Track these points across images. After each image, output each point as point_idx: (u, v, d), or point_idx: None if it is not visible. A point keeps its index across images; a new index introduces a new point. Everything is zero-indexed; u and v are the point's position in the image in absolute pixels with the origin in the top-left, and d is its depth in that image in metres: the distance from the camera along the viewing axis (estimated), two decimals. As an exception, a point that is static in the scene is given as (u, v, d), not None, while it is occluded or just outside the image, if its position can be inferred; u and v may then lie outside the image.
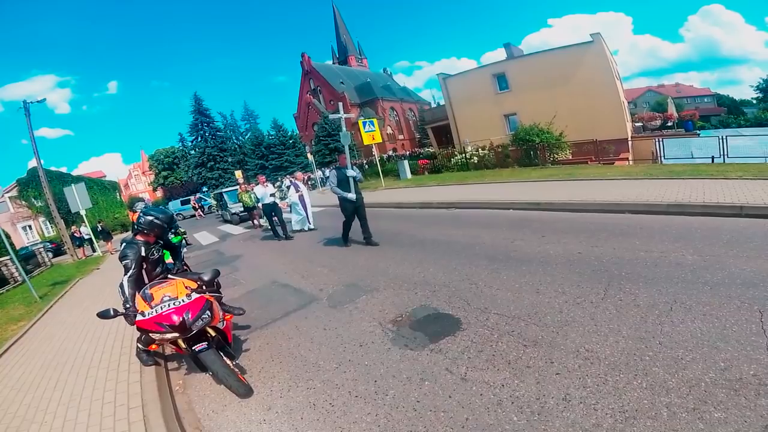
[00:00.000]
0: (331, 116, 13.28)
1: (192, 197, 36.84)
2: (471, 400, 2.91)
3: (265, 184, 11.92)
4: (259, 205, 12.63)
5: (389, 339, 4.10)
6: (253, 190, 13.26)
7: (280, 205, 11.96)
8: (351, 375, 3.58)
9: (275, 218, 11.54)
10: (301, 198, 11.83)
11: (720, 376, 2.63)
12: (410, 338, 4.02)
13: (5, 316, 8.86)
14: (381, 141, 22.50)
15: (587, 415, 2.54)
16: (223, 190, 22.78)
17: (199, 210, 31.01)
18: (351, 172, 7.96)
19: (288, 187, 12.36)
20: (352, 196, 7.87)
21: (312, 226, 11.82)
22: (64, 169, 42.42)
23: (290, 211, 11.99)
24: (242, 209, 16.78)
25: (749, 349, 2.84)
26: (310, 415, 3.14)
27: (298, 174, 13.65)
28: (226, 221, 20.37)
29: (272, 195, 11.52)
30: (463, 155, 21.79)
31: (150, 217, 4.07)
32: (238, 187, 18.32)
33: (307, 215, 11.88)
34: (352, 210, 8.08)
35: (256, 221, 15.64)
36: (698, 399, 2.48)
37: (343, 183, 7.98)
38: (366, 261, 7.14)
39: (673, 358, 2.91)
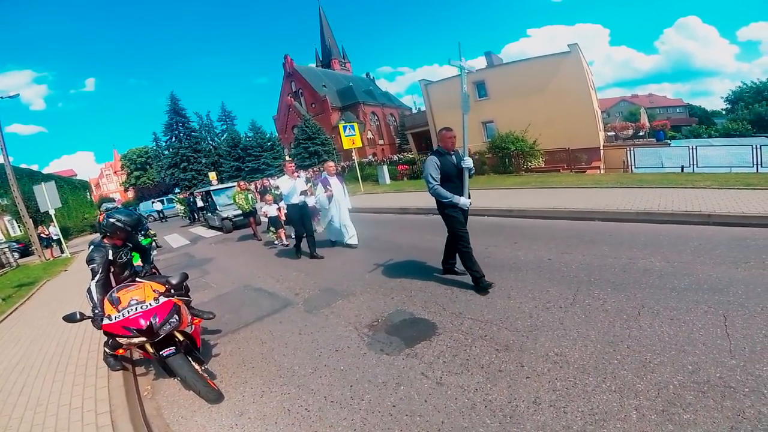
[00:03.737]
0: (452, 62, 5.56)
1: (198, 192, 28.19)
2: (446, 404, 2.92)
3: (296, 175, 8.73)
4: (264, 210, 10.49)
5: (365, 344, 4.09)
6: (272, 184, 10.82)
7: (276, 214, 9.81)
8: (327, 380, 3.55)
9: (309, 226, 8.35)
10: (333, 200, 8.39)
11: (688, 379, 2.71)
12: (386, 343, 4.02)
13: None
14: (361, 145, 22.38)
15: (557, 417, 2.58)
16: (212, 188, 18.11)
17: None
18: (468, 162, 5.07)
19: (312, 182, 9.52)
20: (466, 201, 4.95)
21: (351, 242, 8.45)
22: (35, 167, 40.98)
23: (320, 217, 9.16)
24: (238, 213, 13.06)
25: (715, 352, 2.94)
26: (285, 420, 3.10)
27: (329, 164, 9.05)
28: (212, 227, 16.89)
29: (303, 192, 8.22)
30: (442, 161, 21.91)
31: (112, 220, 3.95)
32: (236, 185, 13.73)
33: (343, 225, 8.50)
34: (465, 221, 5.10)
35: (255, 230, 12.27)
36: (667, 401, 2.54)
37: (451, 178, 4.99)
38: (343, 265, 7.11)
39: (642, 361, 2.98)
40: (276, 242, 10.31)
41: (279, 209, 9.95)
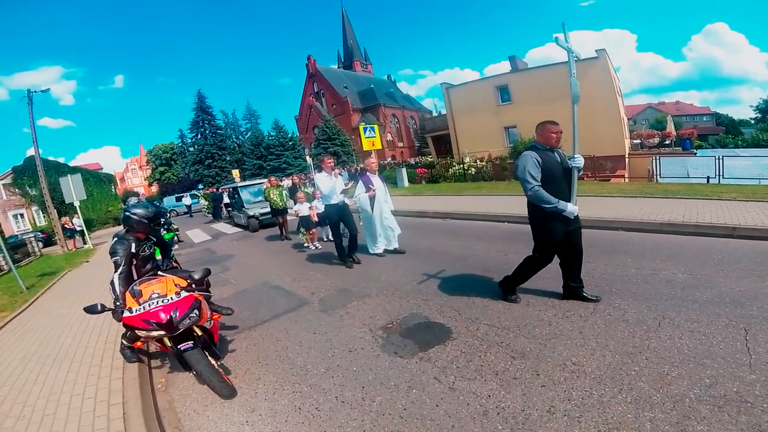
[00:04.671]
0: (560, 42, 4.16)
1: (224, 188, 25.20)
2: (458, 409, 2.90)
3: (335, 173, 8.00)
4: (295, 209, 9.88)
5: (379, 345, 4.09)
6: (311, 180, 9.98)
7: (308, 213, 9.22)
8: (339, 380, 3.56)
9: (343, 229, 7.59)
10: (374, 201, 7.48)
11: (705, 393, 2.65)
12: (400, 346, 4.01)
13: (-14, 306, 8.68)
14: (381, 147, 22.34)
15: (570, 426, 2.55)
16: (239, 184, 17.52)
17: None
18: (579, 160, 4.07)
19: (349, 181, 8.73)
20: (574, 209, 4.04)
21: (392, 245, 7.77)
22: (61, 160, 41.89)
23: (360, 220, 7.87)
24: (266, 211, 12.70)
25: (734, 366, 2.87)
26: (295, 418, 3.11)
27: (371, 160, 7.98)
28: (237, 225, 16.35)
29: (344, 191, 7.47)
30: (461, 166, 21.84)
31: (127, 213, 4.05)
32: (266, 181, 13.07)
33: (388, 227, 7.71)
34: (563, 237, 4.20)
35: (284, 231, 11.66)
36: (682, 414, 2.49)
37: (554, 180, 4.05)
38: (359, 267, 7.12)
39: (659, 373, 2.92)
40: (306, 245, 9.59)
41: (311, 208, 9.28)
